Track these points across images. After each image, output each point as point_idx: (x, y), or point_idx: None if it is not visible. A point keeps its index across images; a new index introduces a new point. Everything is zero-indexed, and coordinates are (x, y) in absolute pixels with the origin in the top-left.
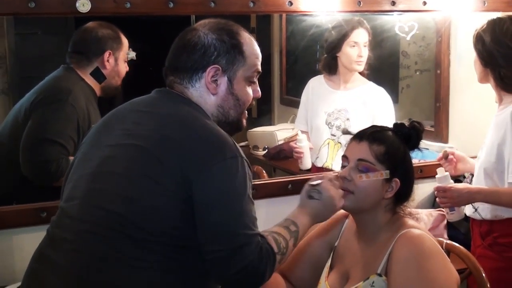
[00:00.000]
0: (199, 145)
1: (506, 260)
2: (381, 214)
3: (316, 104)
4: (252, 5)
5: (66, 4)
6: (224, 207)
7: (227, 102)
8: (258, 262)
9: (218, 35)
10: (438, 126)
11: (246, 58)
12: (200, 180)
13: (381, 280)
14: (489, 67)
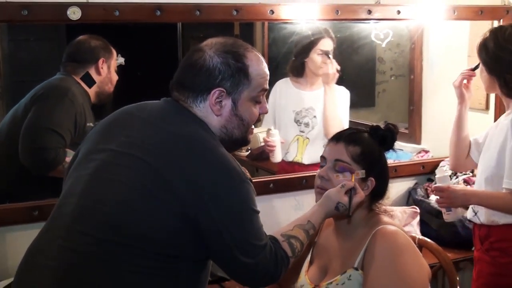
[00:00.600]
0: (206, 171)
1: (499, 266)
2: (358, 211)
3: (284, 104)
4: (235, 13)
5: (57, 12)
6: (237, 227)
7: (230, 123)
8: (274, 268)
9: (223, 59)
10: (411, 128)
11: (252, 80)
12: (208, 203)
13: (358, 274)
14: (494, 74)
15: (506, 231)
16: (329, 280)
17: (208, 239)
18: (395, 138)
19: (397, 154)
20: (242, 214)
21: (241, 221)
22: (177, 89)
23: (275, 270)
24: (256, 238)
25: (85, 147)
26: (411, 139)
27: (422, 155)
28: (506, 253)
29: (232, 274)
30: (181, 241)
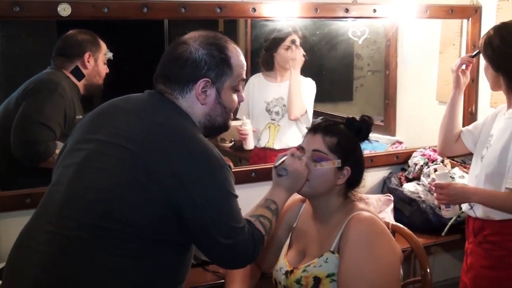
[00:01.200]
0: (188, 158)
1: (492, 259)
2: (334, 198)
3: (257, 96)
4: (219, 10)
5: (48, 8)
6: (218, 211)
7: (214, 111)
8: (252, 248)
9: (208, 50)
10: (387, 121)
11: (233, 69)
12: (191, 190)
13: (334, 257)
14: (501, 71)
15: (501, 225)
16: (307, 263)
17: (190, 224)
18: (370, 129)
19: (373, 145)
20: (222, 198)
21: (221, 205)
22: (162, 82)
23: (253, 250)
24: (235, 220)
25: (73, 138)
26: (386, 131)
27: (396, 146)
28: (500, 246)
29: (213, 256)
30: (165, 226)
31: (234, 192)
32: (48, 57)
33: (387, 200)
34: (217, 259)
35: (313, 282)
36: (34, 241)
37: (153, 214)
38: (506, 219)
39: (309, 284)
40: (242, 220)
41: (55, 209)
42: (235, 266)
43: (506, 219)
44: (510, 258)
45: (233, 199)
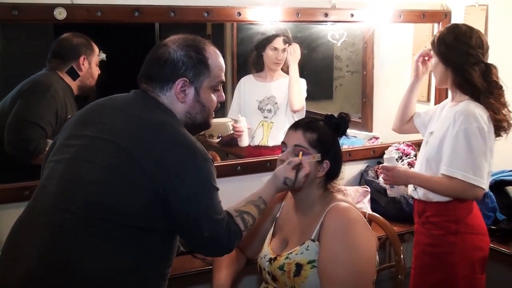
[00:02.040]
0: (175, 151)
1: (432, 237)
2: (314, 190)
3: (248, 96)
4: (206, 15)
5: (45, 12)
6: (200, 202)
7: (194, 109)
8: (227, 241)
9: (186, 52)
10: (364, 118)
11: (211, 70)
12: (177, 182)
13: (314, 245)
14: (450, 66)
15: (438, 207)
16: (289, 251)
17: (176, 214)
18: (347, 125)
19: (351, 140)
20: (206, 191)
21: (205, 197)
22: (145, 81)
23: (228, 242)
24: (216, 212)
25: (62, 136)
26: (363, 127)
27: (373, 141)
28: (438, 226)
29: (191, 244)
30: (152, 215)
31: (216, 185)
32: (45, 58)
33: (364, 192)
34: (194, 247)
35: (295, 268)
36: (27, 233)
37: (141, 205)
38: (442, 201)
39: (292, 270)
40: (222, 212)
41: (48, 201)
42: (210, 255)
43: (441, 201)
44: (447, 237)
45: (215, 192)
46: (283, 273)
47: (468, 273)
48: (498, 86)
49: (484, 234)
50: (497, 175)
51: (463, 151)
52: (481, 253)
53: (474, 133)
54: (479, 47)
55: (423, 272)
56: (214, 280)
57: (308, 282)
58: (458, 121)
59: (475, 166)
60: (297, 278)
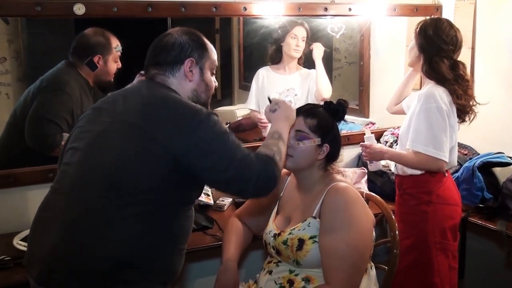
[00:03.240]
0: (180, 116)
1: (408, 207)
2: (315, 171)
3: (267, 87)
4: (214, 9)
5: (65, 8)
6: (217, 149)
7: (200, 87)
8: (264, 167)
9: (189, 36)
10: (361, 105)
11: (210, 55)
12: (188, 144)
13: (315, 222)
14: (423, 54)
15: (413, 180)
16: (292, 227)
17: (199, 174)
18: (345, 111)
19: (349, 125)
20: (217, 139)
21: (218, 145)
22: (153, 67)
23: (266, 169)
24: (236, 152)
25: (79, 125)
26: (361, 113)
27: (369, 127)
28: (413, 196)
29: (234, 192)
30: (170, 187)
31: (227, 131)
32: (66, 51)
33: (361, 173)
34: (238, 193)
35: (297, 243)
36: (52, 212)
37: (157, 175)
38: (415, 174)
39: (294, 245)
40: (244, 151)
41: (69, 183)
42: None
43: (415, 174)
44: (420, 206)
45: (227, 136)
46: (287, 247)
47: (440, 239)
48: (465, 79)
49: (454, 205)
50: (484, 157)
51: (424, 127)
52: (451, 221)
53: (433, 112)
54: (452, 44)
55: (401, 238)
56: (223, 254)
57: (309, 255)
58: (420, 101)
59: (435, 141)
60: (299, 252)
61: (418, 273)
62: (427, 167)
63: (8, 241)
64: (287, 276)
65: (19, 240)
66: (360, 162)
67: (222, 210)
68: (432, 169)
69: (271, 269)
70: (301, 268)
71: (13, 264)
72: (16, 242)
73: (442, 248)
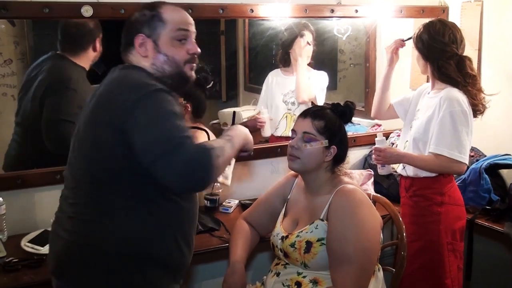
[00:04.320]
0: (120, 92)
1: (419, 208)
2: (322, 173)
3: (275, 89)
4: (221, 11)
5: (73, 9)
6: (156, 125)
7: (157, 60)
8: (197, 155)
9: (140, 12)
10: (367, 106)
11: (167, 22)
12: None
13: (323, 224)
14: (429, 61)
15: (425, 181)
16: (300, 229)
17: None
18: (353, 113)
19: (356, 127)
20: (158, 117)
21: (156, 123)
22: (123, 49)
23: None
24: (174, 135)
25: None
26: (366, 115)
27: (375, 128)
28: (425, 198)
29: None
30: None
31: (174, 110)
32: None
33: (368, 175)
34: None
35: (305, 246)
36: (62, 209)
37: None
38: (428, 177)
39: (302, 247)
40: (183, 137)
41: (67, 184)
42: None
43: (428, 176)
44: (432, 207)
45: (171, 115)
46: (294, 250)
47: (450, 240)
48: (472, 76)
49: (462, 206)
50: (491, 159)
51: (449, 131)
52: (460, 222)
53: (459, 116)
54: (453, 43)
55: (412, 240)
56: (230, 256)
57: (317, 258)
58: (444, 105)
59: (460, 144)
60: (307, 255)
61: (429, 275)
62: (448, 170)
63: (16, 243)
64: (295, 278)
65: (27, 241)
66: (366, 164)
67: (229, 212)
68: (454, 172)
69: (279, 271)
70: (308, 271)
71: (21, 265)
72: (24, 243)
73: (452, 249)
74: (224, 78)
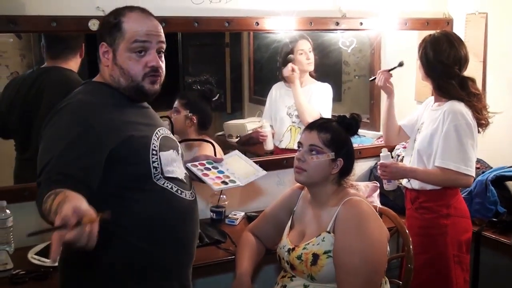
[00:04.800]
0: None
1: (425, 220)
2: (329, 185)
3: (279, 102)
4: (227, 24)
5: (80, 23)
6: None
7: (114, 72)
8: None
9: (106, 18)
10: (372, 118)
11: (125, 33)
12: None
13: (330, 236)
14: (430, 78)
15: (431, 194)
16: (306, 242)
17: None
18: (359, 125)
19: (361, 139)
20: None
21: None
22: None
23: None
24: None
25: None
26: (372, 127)
27: (381, 140)
28: (431, 210)
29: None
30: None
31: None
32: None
33: (374, 187)
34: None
35: (312, 258)
36: None
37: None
38: (434, 189)
39: (309, 259)
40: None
41: None
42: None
43: (434, 189)
44: (438, 219)
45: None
46: (301, 262)
47: (457, 252)
48: (476, 94)
49: (468, 218)
50: (497, 171)
51: (454, 144)
52: (466, 234)
53: (463, 129)
54: (455, 64)
55: (418, 252)
56: (237, 269)
57: (324, 270)
58: (448, 118)
59: (466, 157)
60: (314, 267)
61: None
62: (455, 184)
63: (23, 255)
64: None
65: (34, 254)
66: (372, 176)
67: (235, 224)
68: (461, 185)
69: (285, 283)
70: (315, 283)
71: (28, 278)
72: (31, 256)
73: (458, 261)
74: (229, 90)
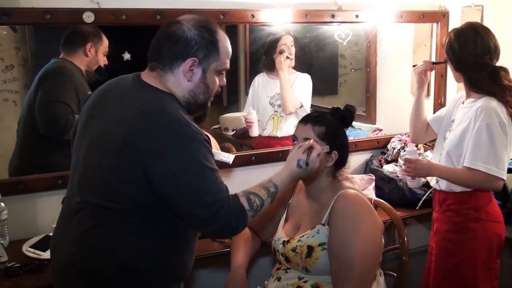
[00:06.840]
0: (159, 134)
1: (452, 223)
2: (324, 178)
3: (261, 92)
4: (222, 17)
5: (75, 16)
6: (190, 183)
7: (198, 89)
8: (230, 220)
9: (199, 32)
10: (368, 111)
11: (220, 54)
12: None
13: (325, 229)
14: (459, 72)
15: (460, 196)
16: (301, 234)
17: (166, 198)
18: (353, 117)
19: (357, 132)
20: (192, 169)
21: (192, 177)
22: (155, 58)
23: (234, 221)
24: (211, 192)
25: (81, 121)
26: (367, 120)
27: (376, 133)
28: (459, 213)
29: (193, 226)
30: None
31: (209, 164)
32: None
33: (369, 179)
34: (199, 229)
35: (306, 250)
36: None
37: (135, 192)
38: (463, 191)
39: (303, 252)
40: (221, 192)
41: (74, 192)
42: (217, 236)
43: (463, 191)
44: (466, 223)
45: (207, 171)
46: (296, 254)
47: (486, 258)
48: (508, 87)
49: (501, 222)
50: None
51: (485, 144)
52: (498, 239)
53: (496, 128)
54: (485, 54)
55: (444, 257)
56: (232, 261)
57: (318, 262)
58: (480, 116)
59: (496, 158)
60: (308, 259)
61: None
62: (483, 186)
63: (17, 248)
64: (296, 283)
65: (28, 247)
66: (367, 169)
67: None
68: (489, 188)
69: (280, 275)
70: (310, 275)
71: (22, 271)
72: (26, 249)
73: (487, 267)
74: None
